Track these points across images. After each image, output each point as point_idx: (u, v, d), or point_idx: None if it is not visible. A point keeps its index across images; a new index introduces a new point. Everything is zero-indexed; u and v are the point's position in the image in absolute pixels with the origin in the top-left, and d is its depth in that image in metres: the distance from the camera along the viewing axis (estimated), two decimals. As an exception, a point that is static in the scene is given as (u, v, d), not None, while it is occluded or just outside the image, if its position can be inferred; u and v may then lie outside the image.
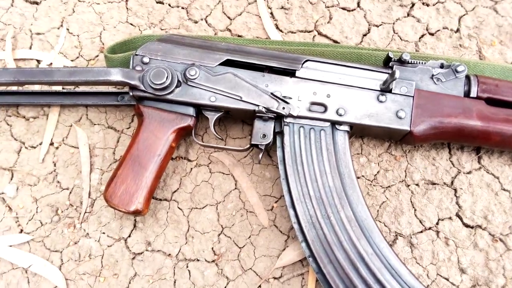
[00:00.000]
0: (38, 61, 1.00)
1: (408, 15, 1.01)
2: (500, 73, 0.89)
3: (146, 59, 0.84)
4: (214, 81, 0.83)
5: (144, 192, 0.80)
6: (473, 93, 0.82)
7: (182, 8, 1.03)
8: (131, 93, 0.83)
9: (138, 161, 0.81)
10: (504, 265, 0.81)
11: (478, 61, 0.91)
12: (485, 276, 0.81)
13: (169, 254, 0.86)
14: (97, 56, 1.00)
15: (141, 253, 0.87)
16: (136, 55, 0.84)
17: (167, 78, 0.81)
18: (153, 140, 0.82)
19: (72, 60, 1.00)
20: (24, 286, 0.85)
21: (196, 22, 1.03)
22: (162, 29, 1.02)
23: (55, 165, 0.93)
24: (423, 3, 1.02)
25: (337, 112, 0.81)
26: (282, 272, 0.84)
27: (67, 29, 1.02)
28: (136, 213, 0.80)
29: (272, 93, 0.82)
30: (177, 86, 0.83)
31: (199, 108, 0.85)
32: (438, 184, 0.87)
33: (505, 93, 0.83)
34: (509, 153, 0.88)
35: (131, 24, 1.02)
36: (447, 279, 0.81)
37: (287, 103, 0.82)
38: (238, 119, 0.93)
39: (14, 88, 0.95)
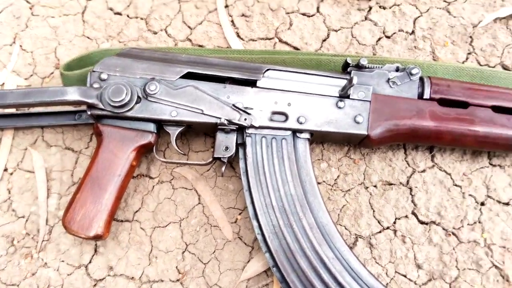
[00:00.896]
0: (-11, 81, 0.97)
1: (365, 18, 1.04)
2: (452, 73, 0.93)
3: (104, 76, 0.83)
4: (175, 95, 0.83)
5: (104, 215, 0.80)
6: (427, 95, 0.85)
7: (141, 19, 1.02)
8: (89, 112, 0.82)
9: (97, 183, 0.81)
10: (457, 257, 0.86)
11: (431, 62, 0.94)
12: (440, 269, 0.86)
13: (132, 277, 0.86)
14: (52, 73, 0.98)
15: (103, 279, 0.86)
16: (94, 71, 0.83)
17: (126, 94, 0.81)
18: (113, 159, 0.82)
19: (25, 79, 0.98)
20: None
21: (155, 33, 1.02)
22: (120, 42, 1.01)
23: (9, 192, 0.91)
24: (380, 6, 1.04)
25: (298, 120, 0.83)
26: (248, 284, 0.86)
27: (20, 46, 0.99)
28: (97, 238, 0.80)
29: (233, 105, 0.83)
30: (136, 102, 0.82)
31: (160, 124, 0.85)
32: (394, 184, 0.91)
33: (456, 93, 0.86)
34: (460, 150, 0.93)
35: (88, 38, 1.00)
36: (405, 276, 0.86)
37: (248, 114, 0.83)
38: (200, 132, 0.94)
39: (-36, 111, 0.92)
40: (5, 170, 0.92)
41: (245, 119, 0.83)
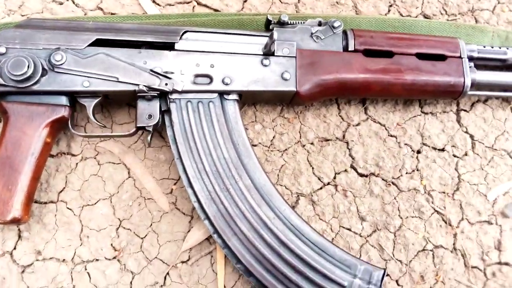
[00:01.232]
0: None
1: (285, -24, 1.01)
2: (376, 25, 0.93)
3: (2, 49, 0.74)
4: (85, 64, 0.75)
5: (20, 197, 0.71)
6: (351, 47, 0.84)
7: (42, -12, 0.93)
8: (-15, 88, 0.73)
9: (8, 164, 0.72)
10: (398, 206, 0.86)
11: (354, 16, 0.93)
12: (383, 220, 0.85)
13: (63, 260, 0.79)
14: None
15: (31, 265, 0.78)
16: (-11, 44, 0.74)
17: (28, 67, 0.72)
18: (23, 138, 0.73)
19: None
20: None
21: (61, 3, 0.93)
22: (22, 15, 0.91)
23: None
24: (298, -37, 1.02)
25: (223, 81, 0.78)
26: (190, 254, 0.81)
27: None
28: (15, 221, 0.71)
29: (151, 70, 0.77)
30: (42, 75, 0.74)
31: (73, 96, 0.77)
32: (331, 140, 0.89)
33: (380, 43, 0.86)
34: (392, 100, 0.93)
35: (-15, 13, 0.89)
36: (349, 229, 0.84)
37: (169, 78, 0.77)
38: (120, 102, 0.86)
39: None
40: None
41: (166, 84, 0.77)
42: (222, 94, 0.79)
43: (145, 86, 0.76)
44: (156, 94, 0.77)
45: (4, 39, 0.75)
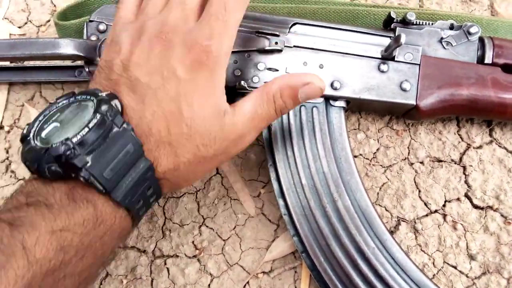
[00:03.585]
0: (-21, 30, 0.85)
1: (411, -37, 0.88)
2: (518, 32, 0.78)
3: (102, 27, 0.70)
4: None
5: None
6: (488, 59, 0.70)
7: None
8: (86, 69, 0.70)
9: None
10: (516, 249, 0.74)
11: (491, 18, 0.79)
12: (496, 262, 0.73)
13: (144, 251, 0.76)
14: (48, 21, 0.85)
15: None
16: (90, 21, 0.70)
17: (128, 48, 0.68)
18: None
19: (19, 27, 0.85)
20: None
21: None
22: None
23: (7, 152, 0.80)
24: (428, -51, 0.88)
25: (331, 85, 0.69)
26: (272, 266, 0.75)
27: (11, -10, 0.86)
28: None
29: (254, 65, 0.70)
30: (141, 59, 0.70)
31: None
32: (445, 161, 0.77)
33: (525, 58, 0.71)
34: (524, 124, 0.78)
35: (87, -18, 0.86)
36: (455, 267, 0.73)
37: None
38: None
39: (-48, 63, 0.80)
40: (1, 127, 0.81)
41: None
42: (328, 99, 0.71)
43: (246, 82, 0.69)
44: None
45: (106, 16, 0.71)
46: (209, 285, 0.75)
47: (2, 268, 0.37)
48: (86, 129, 0.42)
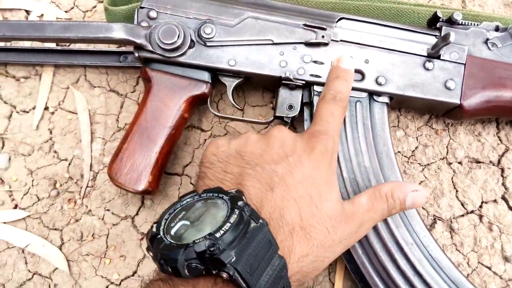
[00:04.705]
0: (27, 12, 0.87)
1: (455, -36, 0.88)
2: (560, 36, 0.77)
3: (153, 14, 0.71)
4: (235, 33, 0.71)
5: (154, 169, 0.70)
6: (533, 61, 0.71)
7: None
8: (136, 54, 0.71)
9: (146, 134, 0.71)
10: (551, 253, 0.74)
11: (535, 21, 0.79)
12: (531, 265, 0.73)
13: (147, 253, 0.78)
14: (94, 7, 0.87)
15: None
16: (142, 7, 0.71)
17: (178, 37, 0.69)
18: (163, 109, 0.71)
19: (66, 11, 0.87)
20: (21, 267, 0.77)
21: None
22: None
23: (51, 132, 0.82)
24: (473, -50, 0.88)
25: (376, 80, 0.70)
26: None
27: (60, -26, 0.88)
28: (145, 192, 0.70)
29: (300, 58, 0.71)
30: (190, 47, 0.71)
31: (216, 73, 0.73)
32: (483, 162, 0.78)
33: None
34: (562, 128, 0.78)
35: (135, -32, 0.88)
36: (489, 268, 0.74)
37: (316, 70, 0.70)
38: (259, 86, 0.81)
39: (1, 44, 0.82)
40: (46, 108, 0.83)
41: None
42: (372, 94, 0.71)
43: (291, 73, 0.70)
44: (300, 84, 0.71)
45: (156, 3, 0.72)
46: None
47: None
48: (228, 224, 0.41)
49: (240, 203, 0.44)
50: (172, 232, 0.44)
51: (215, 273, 0.41)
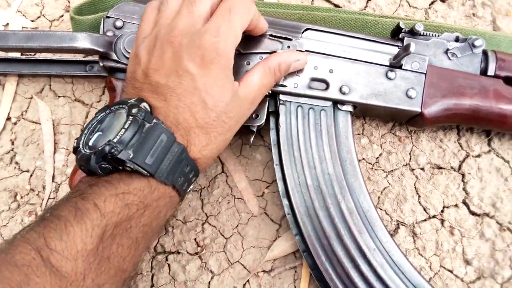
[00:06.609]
0: (-8, 21, 0.86)
1: (418, -24, 0.90)
2: (518, 46, 0.81)
3: (119, 23, 0.71)
4: None
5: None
6: (491, 71, 0.73)
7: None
8: (101, 64, 0.71)
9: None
10: (511, 256, 0.76)
11: (494, 33, 0.81)
12: (491, 267, 0.76)
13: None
14: (61, 16, 0.87)
15: None
16: (108, 17, 0.71)
17: (144, 46, 0.69)
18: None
19: (32, 21, 0.86)
20: (-15, 280, 0.75)
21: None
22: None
23: (13, 143, 0.81)
24: (434, -36, 0.91)
25: (340, 90, 0.72)
26: (273, 265, 0.77)
27: (25, -17, 0.87)
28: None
29: (266, 66, 0.72)
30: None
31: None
32: (445, 168, 0.80)
33: (526, 72, 0.74)
34: (521, 135, 0.81)
35: (102, -21, 0.88)
36: (451, 271, 0.76)
37: (284, 77, 0.71)
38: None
39: (-37, 52, 0.81)
40: (8, 119, 0.82)
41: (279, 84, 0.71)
42: (336, 103, 0.73)
43: (257, 83, 0.71)
44: (267, 93, 0.72)
45: (123, 13, 0.72)
46: (209, 282, 0.76)
47: (80, 219, 0.46)
48: (123, 130, 0.51)
49: (134, 110, 0.52)
50: (90, 143, 0.53)
51: (122, 168, 0.51)
